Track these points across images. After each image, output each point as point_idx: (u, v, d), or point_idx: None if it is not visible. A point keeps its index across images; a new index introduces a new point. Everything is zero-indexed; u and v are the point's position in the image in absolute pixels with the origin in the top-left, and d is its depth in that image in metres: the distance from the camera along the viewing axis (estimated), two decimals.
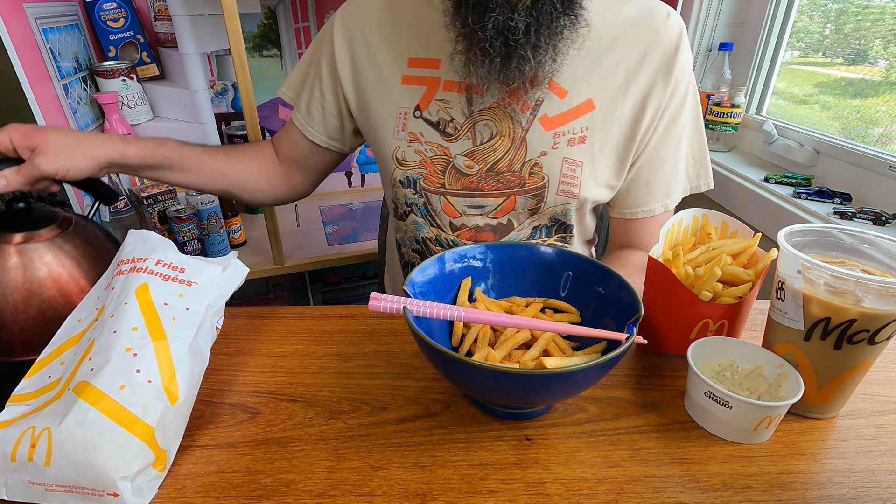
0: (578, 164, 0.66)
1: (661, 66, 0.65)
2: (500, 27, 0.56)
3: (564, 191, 0.67)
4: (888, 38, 1.02)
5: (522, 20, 0.55)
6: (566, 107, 0.65)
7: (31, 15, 0.95)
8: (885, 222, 0.87)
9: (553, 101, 0.65)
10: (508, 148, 0.66)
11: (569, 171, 0.67)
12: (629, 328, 0.43)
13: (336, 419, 0.46)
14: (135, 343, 0.41)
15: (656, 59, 0.65)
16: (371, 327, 0.59)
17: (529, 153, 0.66)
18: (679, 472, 0.41)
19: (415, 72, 0.68)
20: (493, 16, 0.55)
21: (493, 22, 0.55)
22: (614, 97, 0.65)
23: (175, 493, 0.39)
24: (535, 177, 0.67)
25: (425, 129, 0.68)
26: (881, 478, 0.41)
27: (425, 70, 0.67)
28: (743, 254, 0.52)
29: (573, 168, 0.66)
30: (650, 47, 0.65)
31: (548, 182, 0.67)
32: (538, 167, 0.67)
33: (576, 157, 0.66)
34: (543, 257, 0.54)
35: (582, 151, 0.66)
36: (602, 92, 0.65)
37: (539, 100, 0.65)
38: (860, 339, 0.42)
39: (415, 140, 0.68)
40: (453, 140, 0.67)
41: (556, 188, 0.67)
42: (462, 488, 0.40)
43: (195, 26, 1.09)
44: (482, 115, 0.66)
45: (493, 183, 0.68)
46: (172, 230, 1.08)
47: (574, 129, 0.66)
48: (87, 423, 0.37)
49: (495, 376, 0.38)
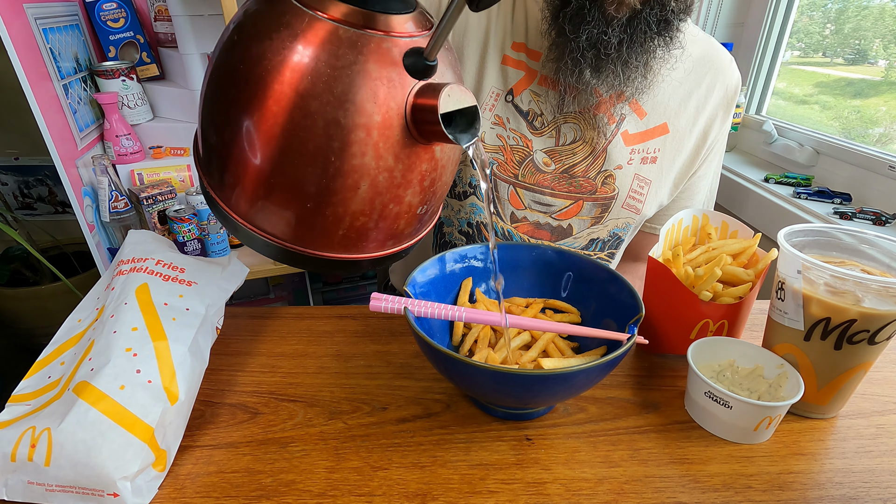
0: (647, 182, 0.69)
1: (723, 102, 0.70)
2: (594, 40, 0.57)
3: (630, 205, 0.70)
4: (888, 38, 1.02)
5: (616, 35, 0.56)
6: (644, 127, 0.68)
7: (31, 15, 0.95)
8: (885, 222, 0.87)
9: (634, 119, 0.68)
10: (588, 154, 0.67)
11: (638, 188, 0.69)
12: (630, 329, 0.43)
13: (336, 419, 0.46)
14: (135, 343, 0.41)
15: (720, 95, 0.70)
16: (371, 327, 0.59)
17: (607, 164, 0.68)
18: (679, 472, 0.41)
19: (517, 55, 0.68)
20: (588, 28, 0.56)
21: (587, 34, 0.56)
22: (685, 125, 0.69)
23: (175, 493, 0.39)
24: (606, 187, 0.69)
25: (513, 115, 0.68)
26: (881, 478, 0.41)
27: (527, 58, 0.67)
28: (743, 254, 0.52)
29: (642, 185, 0.69)
30: (718, 83, 0.70)
31: (617, 194, 0.69)
32: (611, 178, 0.68)
33: (646, 175, 0.69)
34: (544, 258, 0.54)
35: (652, 171, 0.69)
36: (676, 118, 0.69)
37: (623, 116, 0.67)
38: (860, 339, 0.42)
39: (499, 124, 0.68)
40: (538, 134, 0.67)
41: (623, 201, 0.70)
42: (462, 488, 0.40)
43: (195, 26, 1.09)
44: (570, 117, 0.67)
45: (566, 185, 0.69)
46: (172, 230, 1.08)
47: (648, 149, 0.69)
48: (87, 423, 0.37)
49: (496, 377, 0.38)
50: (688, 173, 0.73)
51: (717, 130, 0.71)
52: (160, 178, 1.16)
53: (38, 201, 1.64)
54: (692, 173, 0.73)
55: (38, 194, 1.63)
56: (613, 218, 0.71)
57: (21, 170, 1.59)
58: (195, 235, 1.11)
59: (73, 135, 1.05)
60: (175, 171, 1.17)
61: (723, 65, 0.71)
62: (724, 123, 0.72)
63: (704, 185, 0.76)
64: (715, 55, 0.70)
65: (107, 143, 1.12)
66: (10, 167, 1.58)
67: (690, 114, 0.69)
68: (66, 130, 1.02)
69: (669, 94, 0.68)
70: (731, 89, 0.71)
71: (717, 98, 0.70)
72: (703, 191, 0.76)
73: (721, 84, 0.70)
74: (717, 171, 0.78)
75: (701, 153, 0.71)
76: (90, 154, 1.09)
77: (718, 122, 0.71)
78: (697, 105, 0.69)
